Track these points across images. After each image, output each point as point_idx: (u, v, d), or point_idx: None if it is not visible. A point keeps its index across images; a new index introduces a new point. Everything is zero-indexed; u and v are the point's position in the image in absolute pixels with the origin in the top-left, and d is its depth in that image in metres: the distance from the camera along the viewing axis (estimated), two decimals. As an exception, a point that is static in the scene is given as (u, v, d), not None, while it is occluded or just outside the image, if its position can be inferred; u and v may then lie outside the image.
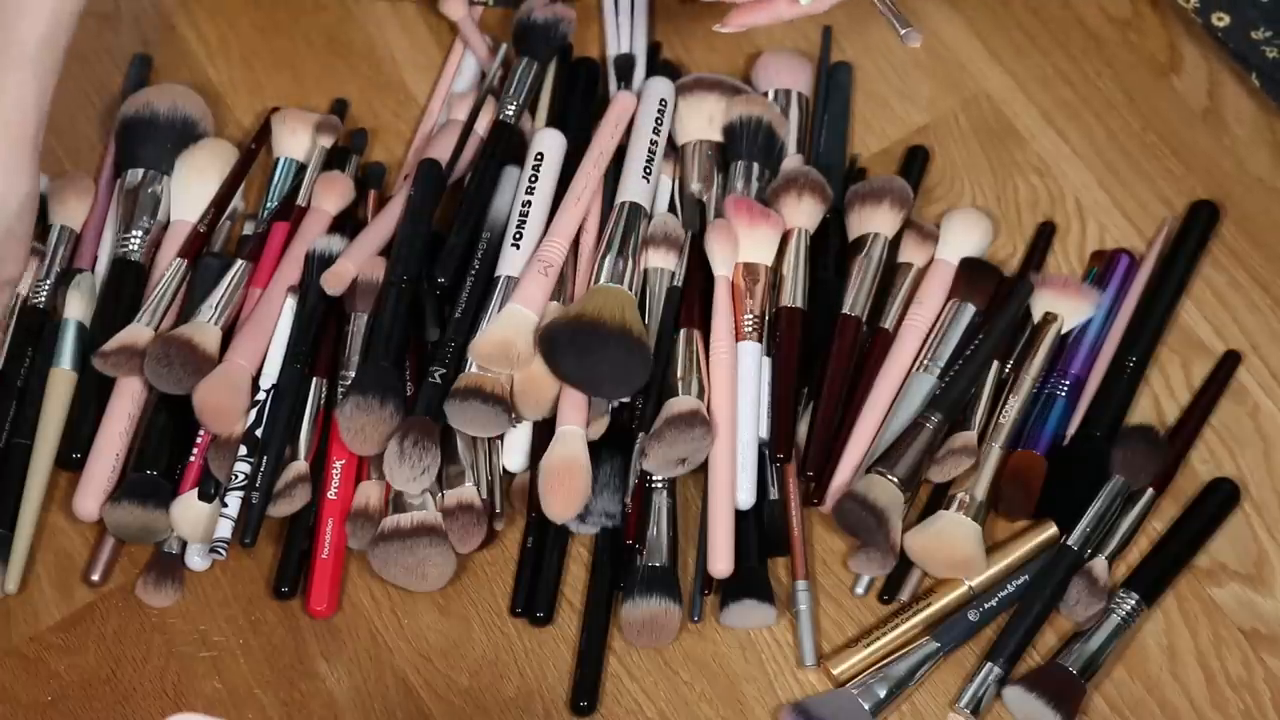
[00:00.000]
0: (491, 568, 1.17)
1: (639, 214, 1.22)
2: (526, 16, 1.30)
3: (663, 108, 1.27)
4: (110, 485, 1.17)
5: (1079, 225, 1.28)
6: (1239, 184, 1.29)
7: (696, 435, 1.14)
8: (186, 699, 1.14)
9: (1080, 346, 1.21)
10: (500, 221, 1.24)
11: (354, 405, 1.15)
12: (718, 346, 1.18)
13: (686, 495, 1.19)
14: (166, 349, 1.17)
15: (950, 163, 1.31)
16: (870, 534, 1.14)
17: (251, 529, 1.14)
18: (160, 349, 1.17)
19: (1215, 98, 1.32)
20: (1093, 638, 1.12)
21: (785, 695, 1.14)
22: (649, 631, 1.13)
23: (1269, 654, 1.14)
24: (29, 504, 1.17)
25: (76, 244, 1.25)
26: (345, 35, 1.36)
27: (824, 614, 1.16)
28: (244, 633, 1.16)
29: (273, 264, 1.23)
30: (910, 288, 1.23)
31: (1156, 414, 1.21)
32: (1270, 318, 1.25)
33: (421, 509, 1.15)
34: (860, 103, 1.33)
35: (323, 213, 1.25)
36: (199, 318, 1.19)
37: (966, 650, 1.14)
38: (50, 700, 1.14)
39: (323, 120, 1.29)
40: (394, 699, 1.14)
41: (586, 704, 1.13)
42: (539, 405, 1.16)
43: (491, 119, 1.28)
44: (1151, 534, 1.18)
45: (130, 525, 1.15)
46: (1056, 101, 1.32)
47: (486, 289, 1.21)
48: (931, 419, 1.16)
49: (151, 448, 1.18)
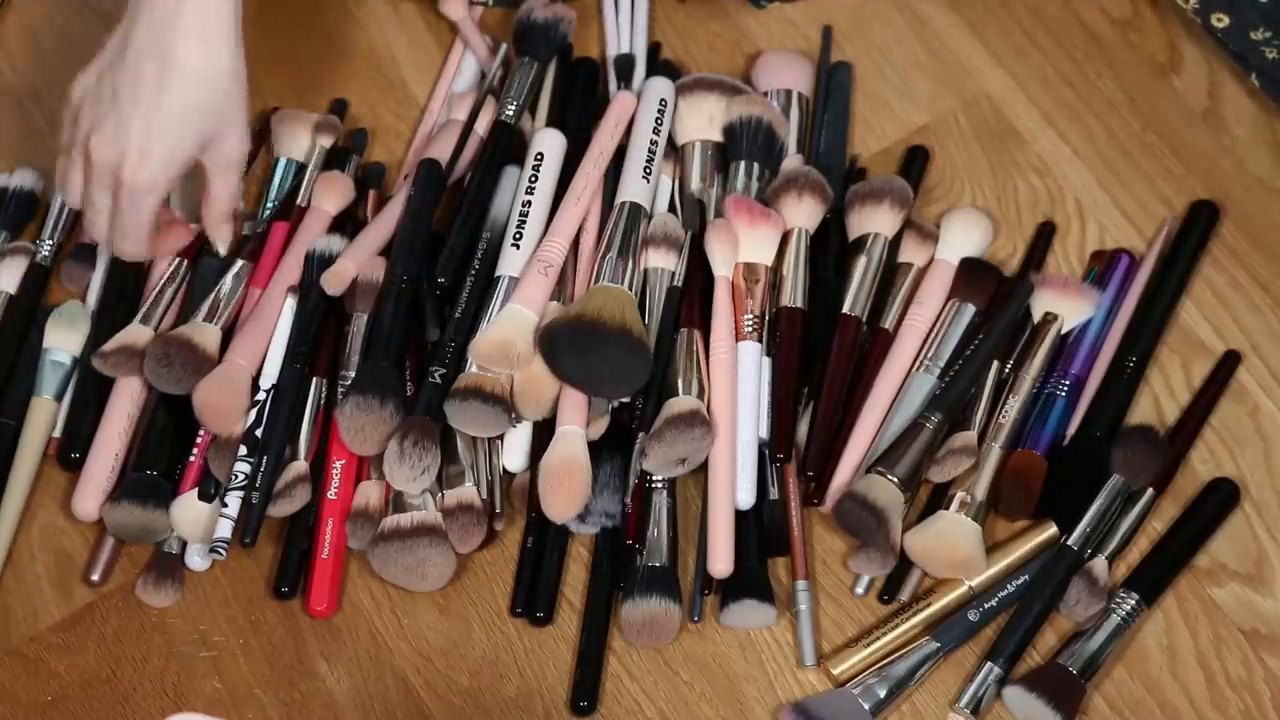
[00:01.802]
0: (491, 568, 1.17)
1: (639, 214, 1.22)
2: (526, 16, 1.30)
3: (663, 108, 1.27)
4: (109, 485, 1.17)
5: (1079, 225, 1.28)
6: (1239, 184, 1.29)
7: (696, 435, 1.14)
8: (186, 699, 1.14)
9: (1080, 346, 1.21)
10: (500, 221, 1.24)
11: (354, 405, 1.15)
12: (718, 346, 1.18)
13: (686, 495, 1.19)
14: (166, 349, 1.17)
15: (950, 163, 1.31)
16: (870, 534, 1.14)
17: (251, 529, 1.14)
18: (160, 349, 1.17)
19: (1215, 98, 1.32)
20: (1093, 638, 1.12)
21: (785, 695, 1.14)
22: (649, 631, 1.13)
23: (1269, 654, 1.14)
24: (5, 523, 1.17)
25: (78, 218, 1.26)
26: (345, 35, 1.36)
27: (824, 614, 1.16)
28: (244, 633, 1.16)
29: (273, 264, 1.23)
30: (910, 288, 1.23)
31: (1156, 414, 1.21)
32: (1270, 318, 1.25)
33: (421, 509, 1.15)
34: (860, 103, 1.33)
35: (323, 213, 1.25)
36: (198, 317, 1.19)
37: (966, 650, 1.14)
38: (50, 700, 1.14)
39: (322, 120, 1.29)
40: (394, 699, 1.14)
41: (586, 704, 1.13)
42: (539, 405, 1.16)
43: (491, 119, 1.28)
44: (1151, 534, 1.18)
45: (130, 525, 1.15)
46: (1056, 102, 1.32)
47: (486, 289, 1.21)
48: (931, 419, 1.16)
49: (151, 448, 1.18)
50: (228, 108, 1.14)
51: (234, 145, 1.16)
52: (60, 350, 1.21)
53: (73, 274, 1.25)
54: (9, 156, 1.31)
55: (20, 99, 1.34)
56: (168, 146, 1.13)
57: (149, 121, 1.12)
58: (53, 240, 1.26)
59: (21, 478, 1.18)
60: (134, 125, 1.12)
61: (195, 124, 1.13)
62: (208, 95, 1.13)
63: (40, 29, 1.37)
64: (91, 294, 1.24)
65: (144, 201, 1.14)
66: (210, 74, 1.12)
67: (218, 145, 1.15)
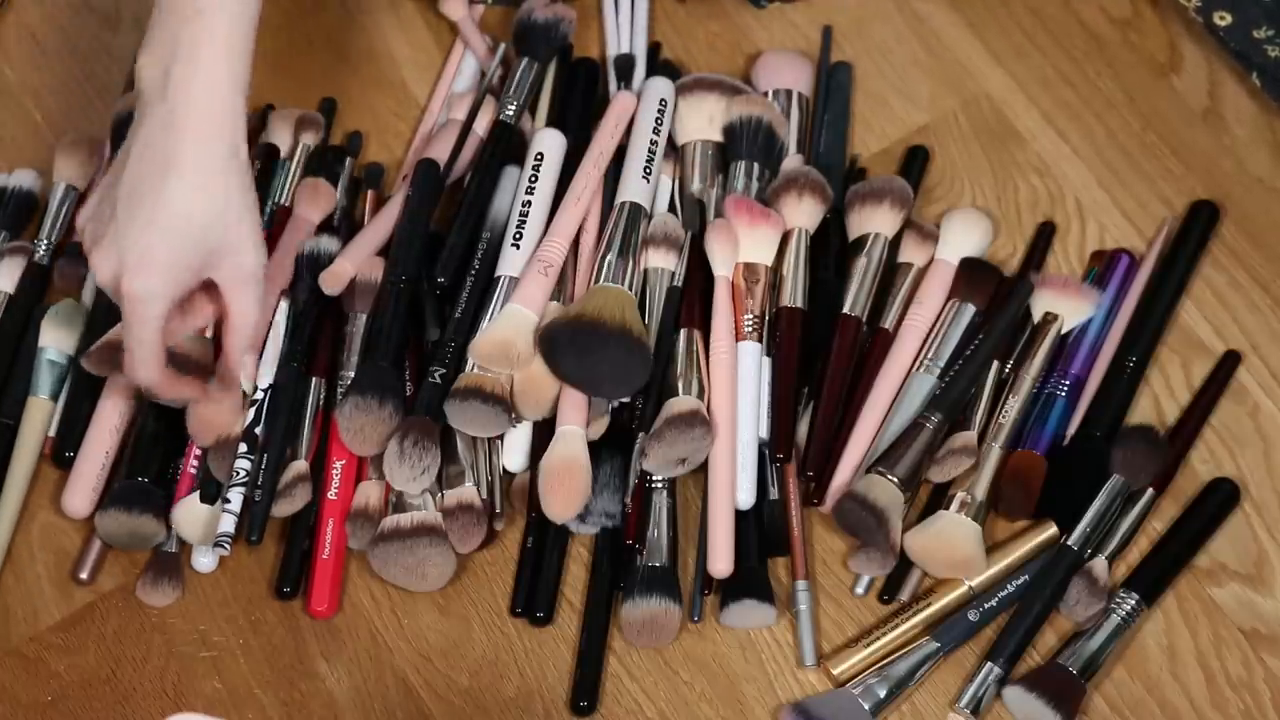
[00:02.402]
0: (491, 568, 1.17)
1: (639, 214, 1.22)
2: (526, 16, 1.30)
3: (663, 108, 1.27)
4: (100, 483, 1.17)
5: (1079, 225, 1.28)
6: (1239, 184, 1.29)
7: (696, 435, 1.14)
8: (186, 699, 1.14)
9: (1080, 346, 1.21)
10: (500, 221, 1.24)
11: (353, 405, 1.15)
12: (718, 346, 1.18)
13: (686, 495, 1.19)
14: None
15: (950, 163, 1.31)
16: (870, 534, 1.14)
17: (257, 527, 1.14)
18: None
19: (1215, 98, 1.32)
20: (1093, 638, 1.12)
21: (785, 695, 1.14)
22: (649, 631, 1.13)
23: (1269, 654, 1.14)
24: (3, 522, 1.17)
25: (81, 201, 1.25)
26: (345, 35, 1.36)
27: (824, 614, 1.16)
28: (244, 633, 1.16)
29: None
30: (910, 288, 1.23)
31: (1156, 414, 1.21)
32: (1270, 318, 1.25)
33: (421, 509, 1.15)
34: (860, 103, 1.33)
35: (307, 221, 1.24)
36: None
37: (966, 650, 1.14)
38: (50, 700, 1.14)
39: (304, 116, 1.29)
40: (394, 699, 1.14)
41: (586, 704, 1.13)
42: (539, 405, 1.16)
43: (491, 119, 1.28)
44: (1151, 534, 1.18)
45: (118, 532, 1.15)
46: (1057, 101, 1.32)
47: (486, 289, 1.21)
48: (931, 419, 1.16)
49: (141, 454, 1.17)
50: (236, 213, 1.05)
51: (249, 256, 1.07)
52: (55, 349, 1.21)
53: (67, 273, 1.25)
54: (8, 156, 1.31)
55: (20, 99, 1.34)
56: (169, 250, 1.03)
57: (149, 225, 1.03)
58: (51, 240, 1.26)
59: (19, 477, 1.18)
60: (132, 231, 1.03)
61: (201, 227, 1.04)
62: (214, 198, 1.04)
63: (40, 29, 1.37)
64: (87, 293, 1.24)
65: (147, 313, 1.04)
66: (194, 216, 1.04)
67: (230, 258, 1.06)
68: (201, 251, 1.05)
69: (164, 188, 1.03)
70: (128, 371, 1.08)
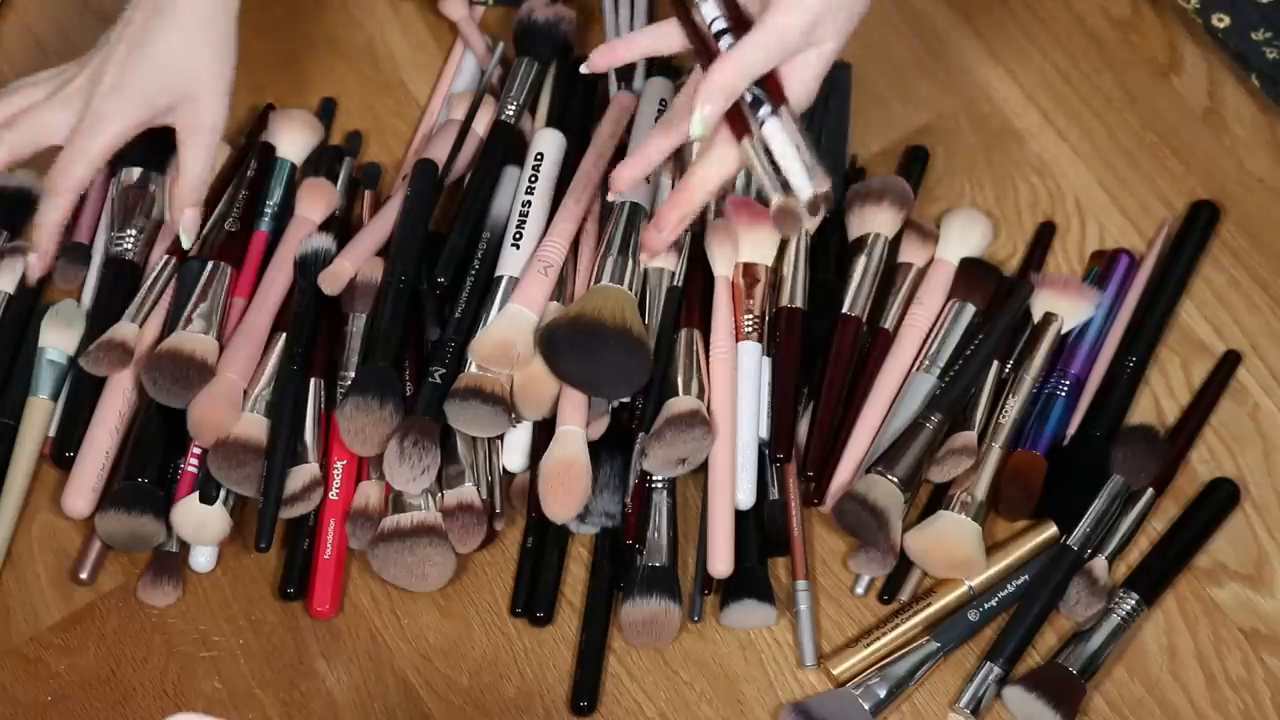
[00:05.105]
0: (491, 568, 1.17)
1: (639, 214, 1.22)
2: (526, 16, 1.30)
3: (662, 108, 1.27)
4: (100, 482, 1.17)
5: (1079, 225, 1.28)
6: (1239, 184, 1.29)
7: (696, 435, 1.14)
8: (186, 699, 1.14)
9: (1080, 346, 1.21)
10: (500, 221, 1.24)
11: (354, 406, 1.15)
12: (718, 346, 1.18)
13: (686, 495, 1.19)
14: (162, 363, 1.16)
15: (950, 163, 1.31)
16: (870, 534, 1.14)
17: (266, 532, 1.14)
18: (157, 362, 1.16)
19: (1215, 98, 1.32)
20: (1093, 638, 1.12)
21: (785, 695, 1.14)
22: (649, 631, 1.13)
23: (1269, 654, 1.14)
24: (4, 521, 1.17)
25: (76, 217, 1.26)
26: (345, 35, 1.36)
27: (824, 614, 1.16)
28: (244, 633, 1.16)
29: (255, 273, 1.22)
30: (910, 288, 1.23)
31: (1156, 414, 1.21)
32: (1270, 318, 1.25)
33: (421, 509, 1.15)
34: (860, 103, 1.33)
35: (308, 221, 1.25)
36: (193, 327, 1.18)
37: (966, 650, 1.14)
38: (50, 700, 1.14)
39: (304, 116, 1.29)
40: (394, 699, 1.14)
41: (586, 704, 1.13)
42: (539, 405, 1.16)
43: (491, 119, 1.28)
44: (1151, 534, 1.18)
45: (119, 533, 1.15)
46: (1056, 101, 1.32)
47: (486, 289, 1.21)
48: (931, 419, 1.16)
49: (140, 455, 1.17)
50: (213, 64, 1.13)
51: (211, 106, 1.14)
52: (55, 349, 1.21)
53: (67, 273, 1.25)
54: (9, 156, 1.31)
55: (20, 99, 1.34)
56: (144, 82, 1.12)
57: (130, 57, 1.12)
58: None
59: (19, 478, 1.18)
60: (113, 63, 1.12)
61: (179, 70, 1.12)
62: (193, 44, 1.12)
63: (40, 29, 1.37)
64: (86, 293, 1.24)
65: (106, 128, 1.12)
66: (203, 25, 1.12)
67: (192, 105, 1.14)
68: (171, 93, 1.13)
69: (152, 26, 1.12)
70: (54, 171, 1.14)
